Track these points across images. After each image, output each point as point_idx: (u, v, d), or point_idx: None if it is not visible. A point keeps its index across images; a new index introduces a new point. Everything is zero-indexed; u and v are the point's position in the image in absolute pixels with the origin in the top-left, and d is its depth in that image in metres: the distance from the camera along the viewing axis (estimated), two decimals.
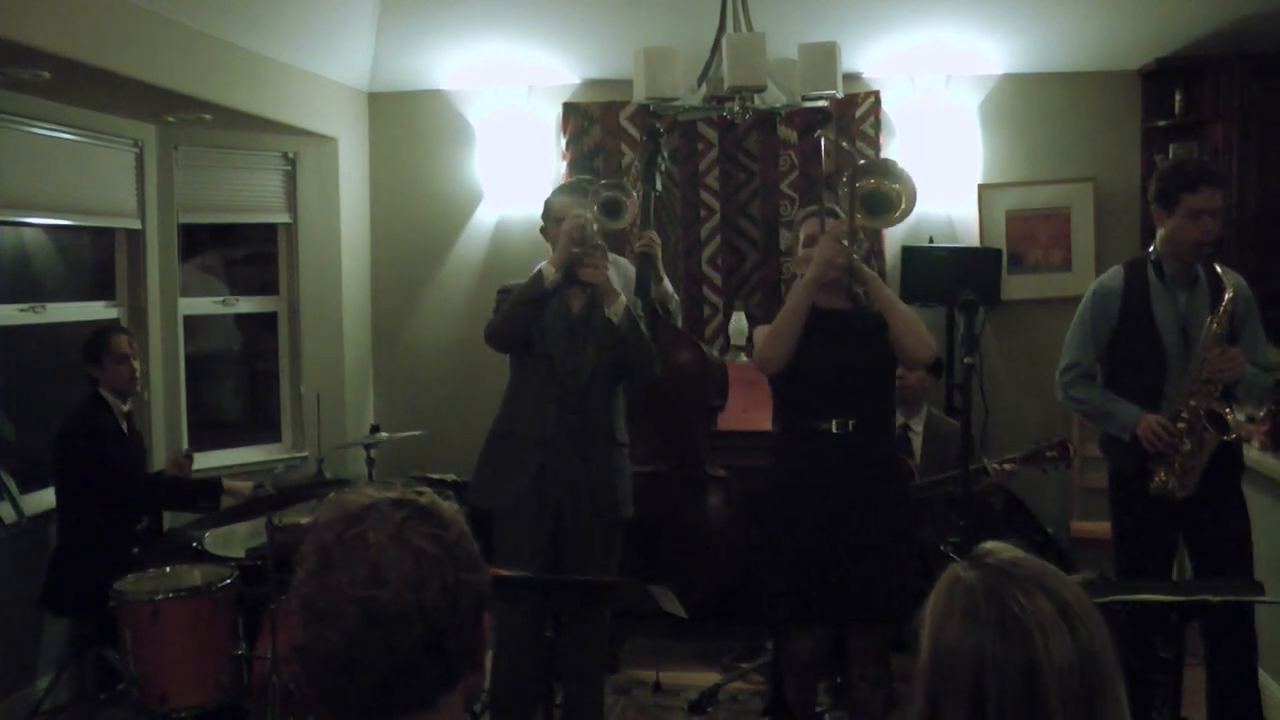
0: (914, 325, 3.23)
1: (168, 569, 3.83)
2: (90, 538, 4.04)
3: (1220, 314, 3.30)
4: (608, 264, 3.46)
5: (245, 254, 5.79)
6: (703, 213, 5.55)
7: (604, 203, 3.47)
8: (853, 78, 5.33)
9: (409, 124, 5.80)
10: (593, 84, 5.62)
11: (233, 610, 3.72)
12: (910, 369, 3.64)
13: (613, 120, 5.55)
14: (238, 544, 4.16)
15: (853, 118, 5.38)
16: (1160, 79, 5.19)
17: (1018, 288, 5.42)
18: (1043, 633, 1.20)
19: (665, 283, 4.10)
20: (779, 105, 3.67)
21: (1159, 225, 3.45)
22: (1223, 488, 3.41)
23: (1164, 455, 3.35)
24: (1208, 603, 2.74)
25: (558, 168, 5.59)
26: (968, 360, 3.25)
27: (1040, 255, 5.44)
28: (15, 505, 3.89)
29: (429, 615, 1.16)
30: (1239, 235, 4.89)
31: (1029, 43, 5.24)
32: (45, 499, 4.24)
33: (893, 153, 5.30)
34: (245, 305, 5.57)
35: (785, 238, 5.43)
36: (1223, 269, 3.37)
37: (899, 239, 5.30)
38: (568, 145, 5.58)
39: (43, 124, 4.30)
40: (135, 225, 4.90)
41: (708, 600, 4.33)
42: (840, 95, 3.68)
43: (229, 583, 3.71)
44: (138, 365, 4.25)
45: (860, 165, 3.33)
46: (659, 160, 4.29)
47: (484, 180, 5.72)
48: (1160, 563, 3.47)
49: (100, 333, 4.23)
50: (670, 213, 5.49)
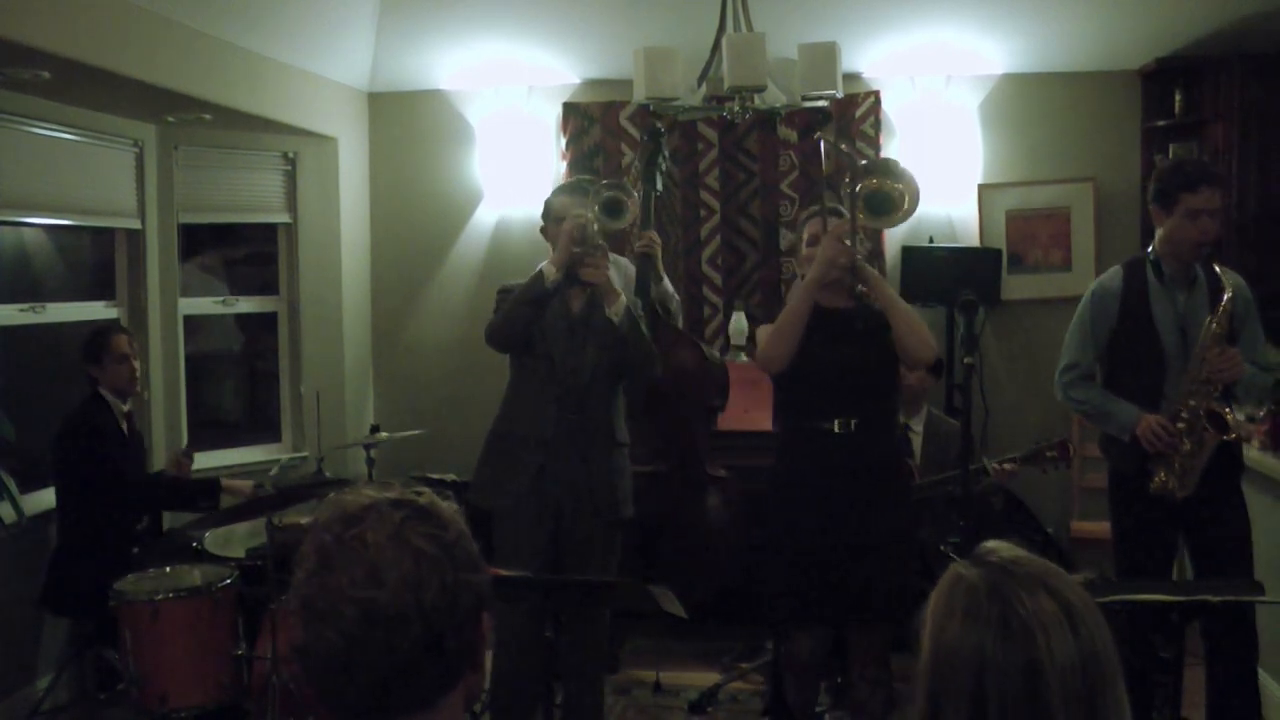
0: (916, 325, 3.24)
1: (168, 569, 3.83)
2: (90, 538, 4.04)
3: (1219, 314, 3.30)
4: (608, 264, 3.46)
5: (245, 254, 5.79)
6: (703, 213, 5.55)
7: (605, 203, 3.47)
8: (853, 78, 5.33)
9: (409, 124, 5.80)
10: (593, 84, 5.62)
11: (233, 610, 3.72)
12: (911, 369, 3.65)
13: (613, 120, 5.54)
14: (238, 544, 4.16)
15: (853, 118, 5.37)
16: (1160, 79, 5.19)
17: (1018, 288, 5.42)
18: (1045, 632, 1.19)
19: (665, 282, 4.10)
20: (779, 105, 3.67)
21: (1158, 225, 3.45)
22: (1223, 488, 3.41)
23: (1164, 455, 3.35)
24: (1208, 603, 2.74)
25: (558, 168, 5.59)
26: (968, 360, 3.25)
27: (1040, 255, 5.44)
28: (15, 505, 3.88)
29: (428, 615, 1.15)
30: (1239, 235, 4.89)
31: (1029, 43, 5.23)
32: (45, 499, 4.24)
33: (893, 153, 5.30)
34: (245, 305, 5.57)
35: (785, 238, 5.43)
36: (1221, 269, 3.37)
37: (899, 239, 5.30)
38: (568, 145, 5.58)
39: (43, 124, 4.31)
40: (135, 225, 4.90)
41: (708, 600, 4.33)
42: (840, 95, 3.68)
43: (229, 583, 3.71)
44: (138, 365, 4.25)
45: (862, 165, 3.33)
46: (660, 160, 4.28)
47: (484, 180, 5.72)
48: (1160, 563, 3.47)
49: (100, 333, 4.23)
50: (670, 213, 5.49)
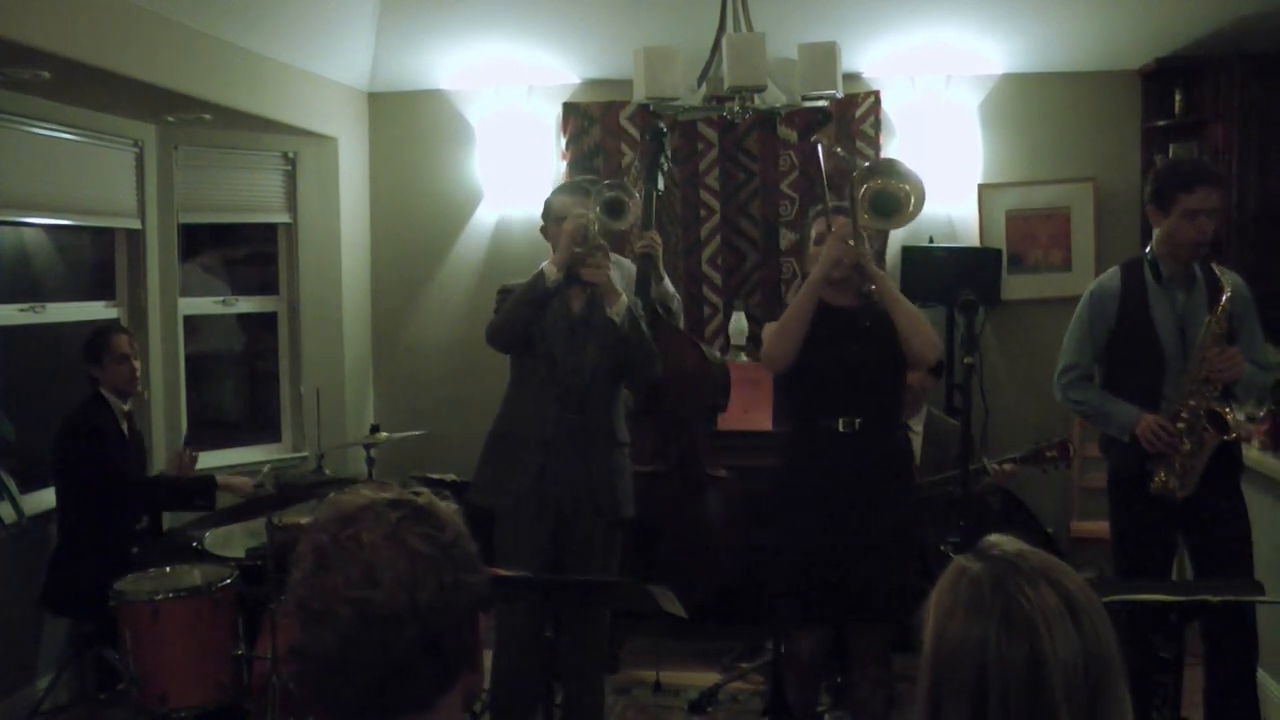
0: (920, 325, 3.24)
1: (168, 569, 3.83)
2: (90, 538, 4.04)
3: (1218, 313, 3.29)
4: (609, 264, 3.46)
5: (245, 254, 5.79)
6: (703, 213, 5.55)
7: (607, 203, 3.46)
8: (853, 78, 5.33)
9: (409, 124, 5.80)
10: (593, 84, 5.62)
11: (233, 610, 3.72)
12: (915, 368, 3.65)
13: (613, 120, 5.54)
14: (238, 544, 4.16)
15: (853, 118, 5.37)
16: (1160, 79, 5.18)
17: (1018, 288, 5.42)
18: (1047, 625, 1.18)
19: (666, 282, 4.10)
20: (779, 105, 3.67)
21: (1155, 226, 3.44)
22: (1223, 487, 3.40)
23: (1164, 455, 3.35)
24: (1208, 603, 2.73)
25: (558, 168, 5.59)
26: (968, 360, 3.25)
27: (1040, 255, 5.44)
28: (15, 505, 3.88)
29: (424, 616, 1.15)
30: (1239, 235, 4.89)
31: (1029, 43, 5.23)
32: (45, 499, 4.24)
33: (893, 153, 5.29)
34: (245, 305, 5.57)
35: (785, 238, 5.43)
36: (1220, 268, 3.36)
37: (899, 239, 5.29)
38: (568, 145, 5.58)
39: (43, 124, 4.30)
40: (135, 225, 4.90)
41: (708, 600, 4.32)
42: (840, 95, 3.68)
43: (229, 583, 3.71)
44: (138, 365, 4.25)
45: (866, 166, 3.33)
46: (662, 160, 4.28)
47: (484, 180, 5.72)
48: (1160, 562, 3.46)
49: (100, 333, 4.23)
50: (670, 213, 5.48)
